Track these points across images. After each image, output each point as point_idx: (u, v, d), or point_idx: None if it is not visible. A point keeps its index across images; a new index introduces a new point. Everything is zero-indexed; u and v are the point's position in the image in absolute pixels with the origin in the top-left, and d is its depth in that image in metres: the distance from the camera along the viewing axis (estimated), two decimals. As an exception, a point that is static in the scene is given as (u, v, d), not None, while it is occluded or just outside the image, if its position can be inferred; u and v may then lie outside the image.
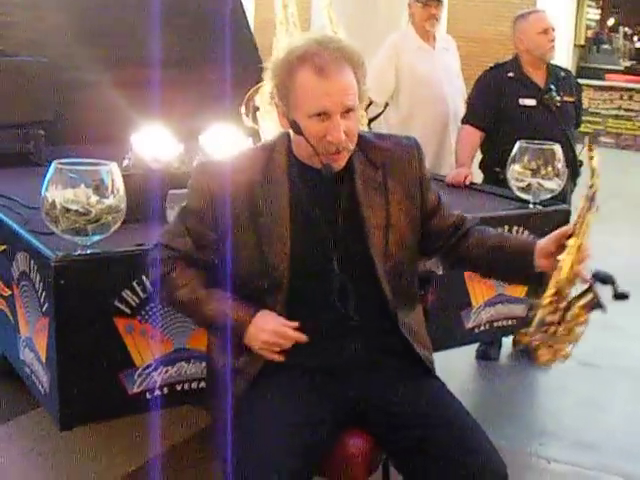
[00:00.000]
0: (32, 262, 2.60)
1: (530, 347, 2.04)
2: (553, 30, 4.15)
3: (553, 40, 4.14)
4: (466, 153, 4.15)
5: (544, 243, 2.15)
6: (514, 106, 4.12)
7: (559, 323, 2.02)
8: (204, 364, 2.51)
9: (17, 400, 3.43)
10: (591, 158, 2.08)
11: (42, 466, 3.13)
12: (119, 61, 4.12)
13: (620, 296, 2.01)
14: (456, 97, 4.60)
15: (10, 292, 2.86)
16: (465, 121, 4.28)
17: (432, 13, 4.48)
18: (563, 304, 2.02)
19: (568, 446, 3.45)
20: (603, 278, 2.03)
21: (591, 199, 2.08)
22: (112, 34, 4.29)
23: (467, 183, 3.84)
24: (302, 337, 2.07)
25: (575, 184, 4.20)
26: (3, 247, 2.89)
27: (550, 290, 2.02)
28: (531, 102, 4.11)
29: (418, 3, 4.51)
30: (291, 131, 2.12)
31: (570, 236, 2.07)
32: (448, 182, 3.83)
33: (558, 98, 4.08)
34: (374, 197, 2.16)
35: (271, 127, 3.15)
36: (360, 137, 2.17)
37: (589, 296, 2.03)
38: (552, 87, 4.11)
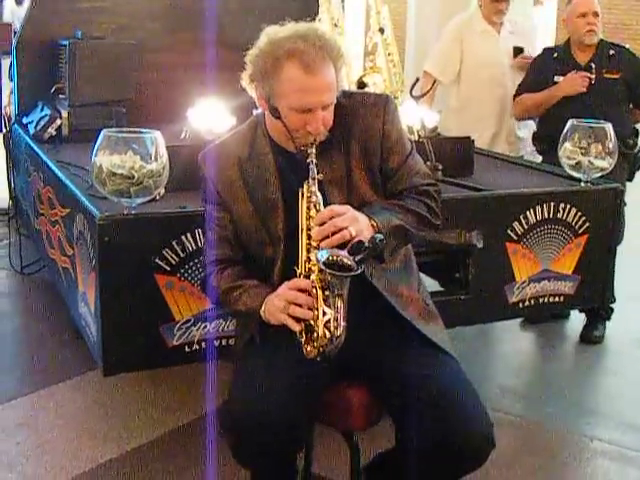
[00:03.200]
0: (85, 222, 2.84)
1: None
2: (595, 15, 4.17)
3: (590, 24, 4.18)
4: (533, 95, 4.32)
5: None
6: (550, 84, 4.26)
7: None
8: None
9: (85, 358, 3.69)
10: None
11: (102, 416, 3.38)
12: (197, 43, 4.34)
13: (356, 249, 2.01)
14: (517, 81, 4.62)
15: (72, 251, 3.11)
16: (513, 97, 4.49)
17: (499, 9, 4.60)
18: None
19: (614, 427, 3.44)
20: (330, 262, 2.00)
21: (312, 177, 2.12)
22: (193, 18, 4.51)
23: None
24: (307, 282, 2.11)
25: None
26: (68, 210, 3.16)
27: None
28: None
29: None
30: (266, 113, 2.25)
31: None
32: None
33: (593, 75, 4.13)
34: (334, 156, 2.24)
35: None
36: None
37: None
38: (592, 65, 4.17)
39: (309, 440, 2.40)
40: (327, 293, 2.03)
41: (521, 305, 3.35)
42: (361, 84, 3.63)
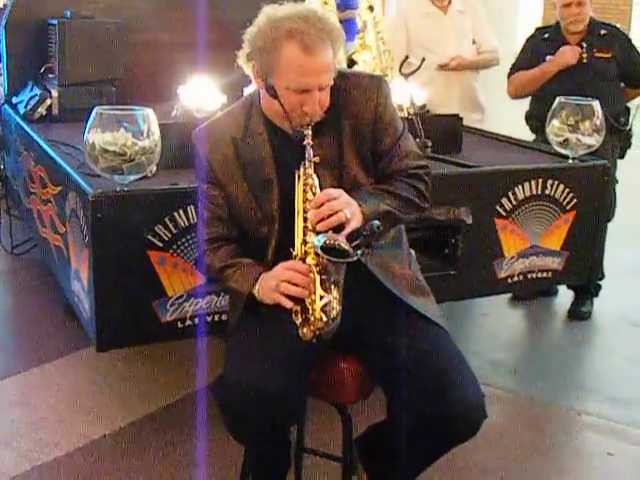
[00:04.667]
0: (78, 199, 2.85)
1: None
2: (578, 5, 4.21)
3: (573, 14, 4.23)
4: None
5: None
6: (541, 63, 4.30)
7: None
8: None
9: (78, 335, 3.72)
10: None
11: (95, 393, 3.42)
12: (188, 22, 4.34)
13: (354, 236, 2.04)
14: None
15: (64, 229, 3.13)
16: (507, 76, 4.50)
17: None
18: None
19: (602, 401, 3.50)
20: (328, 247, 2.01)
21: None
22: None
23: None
24: (304, 266, 2.12)
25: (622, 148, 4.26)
26: (60, 188, 3.17)
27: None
28: None
29: None
30: (262, 91, 2.25)
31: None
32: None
33: (584, 55, 4.19)
34: (326, 137, 2.24)
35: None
36: None
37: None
38: (583, 45, 4.22)
39: (302, 414, 2.43)
40: (324, 277, 2.05)
41: (510, 280, 3.38)
42: (351, 62, 3.64)
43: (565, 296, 4.48)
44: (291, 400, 2.13)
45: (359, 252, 2.03)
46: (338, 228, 2.06)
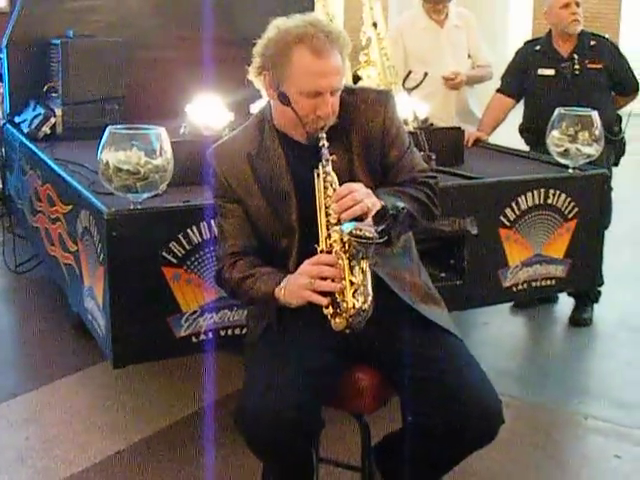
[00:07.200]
0: (91, 218, 2.89)
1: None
2: (577, 5, 4.27)
3: (575, 14, 4.27)
4: (487, 118, 4.51)
5: None
6: (534, 76, 4.38)
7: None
8: (246, 312, 2.74)
9: (87, 353, 3.77)
10: None
11: (108, 409, 3.45)
12: (192, 40, 4.40)
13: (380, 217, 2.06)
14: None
15: (76, 247, 3.17)
16: (496, 90, 4.57)
17: (437, 8, 4.65)
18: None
19: (607, 405, 3.55)
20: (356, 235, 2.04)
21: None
22: (182, 15, 4.58)
23: (469, 145, 4.08)
24: (330, 257, 2.15)
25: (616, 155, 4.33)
26: (70, 207, 3.21)
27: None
28: (549, 72, 4.34)
29: None
30: (273, 102, 2.31)
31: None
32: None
33: (577, 66, 4.25)
34: (336, 150, 2.26)
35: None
36: None
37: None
38: (575, 56, 4.28)
39: (321, 428, 2.46)
40: (353, 263, 2.09)
41: (514, 289, 3.45)
42: (356, 77, 3.70)
43: (565, 303, 4.55)
44: (311, 420, 2.17)
45: (385, 235, 2.04)
46: (361, 218, 2.10)
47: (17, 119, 4.43)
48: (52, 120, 4.16)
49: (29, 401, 3.53)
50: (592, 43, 4.36)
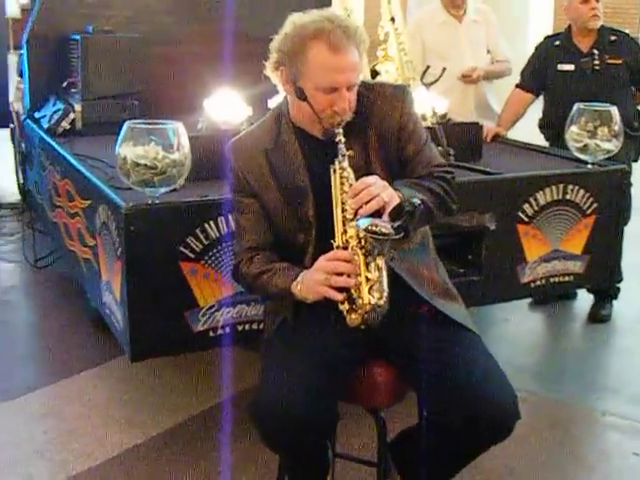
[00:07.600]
0: (109, 213, 2.91)
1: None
2: (597, 0, 4.24)
3: (594, 9, 4.25)
4: (506, 113, 4.52)
5: None
6: (554, 72, 4.36)
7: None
8: (263, 307, 2.75)
9: (106, 346, 3.78)
10: None
11: (126, 403, 3.47)
12: (210, 35, 4.41)
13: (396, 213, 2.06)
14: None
15: (94, 242, 3.19)
16: (515, 85, 4.56)
17: (456, 4, 4.65)
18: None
19: (624, 401, 3.54)
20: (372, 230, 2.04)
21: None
22: (200, 10, 4.59)
23: (488, 140, 4.09)
24: (346, 253, 2.15)
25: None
26: (89, 202, 3.23)
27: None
28: (569, 67, 4.33)
29: None
30: (290, 97, 2.31)
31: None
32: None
33: (597, 61, 4.23)
34: (353, 146, 2.26)
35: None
36: None
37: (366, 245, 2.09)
38: (594, 52, 4.27)
39: (337, 423, 2.46)
40: (369, 259, 2.09)
41: (532, 285, 3.44)
42: (374, 72, 3.70)
43: (584, 300, 4.52)
44: (327, 417, 2.17)
45: (402, 232, 2.05)
46: (378, 213, 2.09)
47: (37, 115, 4.45)
48: (71, 115, 4.18)
49: (48, 395, 3.55)
50: (612, 38, 4.33)
